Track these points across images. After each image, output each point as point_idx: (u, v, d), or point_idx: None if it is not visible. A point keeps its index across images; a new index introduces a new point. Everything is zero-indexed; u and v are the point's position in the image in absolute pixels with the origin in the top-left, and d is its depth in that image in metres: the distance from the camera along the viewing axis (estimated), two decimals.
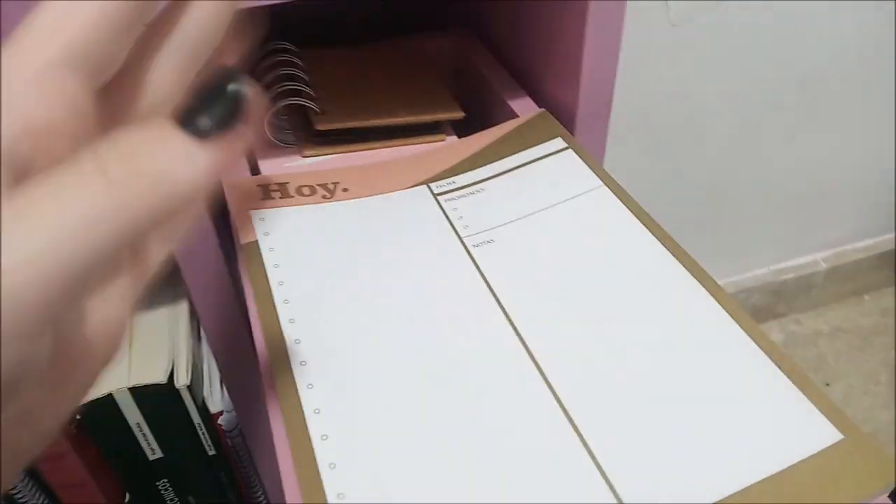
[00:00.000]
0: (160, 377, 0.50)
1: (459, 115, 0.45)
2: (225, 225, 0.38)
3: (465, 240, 0.35)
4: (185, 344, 0.53)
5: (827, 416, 0.26)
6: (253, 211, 0.36)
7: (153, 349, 0.52)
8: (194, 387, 0.52)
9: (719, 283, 0.31)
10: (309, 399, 0.27)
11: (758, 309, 1.07)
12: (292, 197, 0.37)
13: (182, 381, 0.50)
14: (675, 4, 0.68)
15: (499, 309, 0.31)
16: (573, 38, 0.40)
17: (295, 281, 0.32)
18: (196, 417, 0.52)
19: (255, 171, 0.43)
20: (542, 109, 0.44)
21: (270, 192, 0.38)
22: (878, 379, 1.04)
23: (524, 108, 0.45)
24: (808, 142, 0.91)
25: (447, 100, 0.46)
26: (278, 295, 0.31)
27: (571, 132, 0.43)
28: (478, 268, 0.34)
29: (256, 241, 0.34)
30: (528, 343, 0.30)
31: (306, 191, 0.38)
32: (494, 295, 0.32)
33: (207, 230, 0.38)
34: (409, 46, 0.52)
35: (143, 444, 0.52)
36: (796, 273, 1.06)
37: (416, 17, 0.56)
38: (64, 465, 0.51)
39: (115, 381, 0.50)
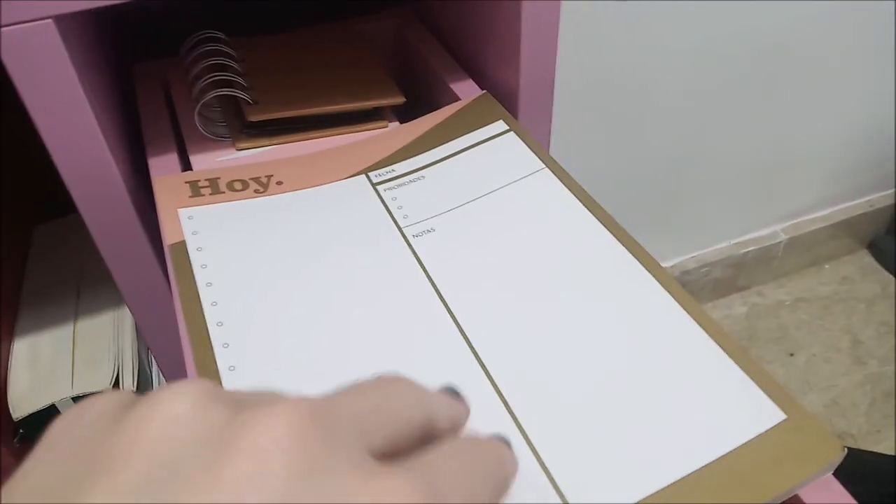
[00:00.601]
0: (104, 383, 0.48)
1: (400, 100, 0.44)
2: (155, 223, 0.36)
3: (404, 230, 0.34)
4: (131, 347, 0.51)
5: (770, 395, 0.25)
6: (181, 209, 0.34)
7: (97, 355, 0.50)
8: (142, 391, 0.50)
9: (681, 259, 0.31)
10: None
11: (720, 282, 1.08)
12: (223, 193, 0.36)
13: (128, 385, 0.49)
14: None
15: (439, 301, 0.30)
16: (510, 16, 0.39)
17: (223, 281, 0.31)
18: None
19: (186, 166, 0.41)
20: (484, 91, 0.42)
21: (200, 189, 0.36)
22: (840, 346, 1.06)
23: (466, 90, 0.44)
24: (766, 113, 0.91)
25: (387, 85, 0.45)
26: (206, 297, 0.30)
27: (514, 114, 0.42)
28: (418, 259, 0.32)
29: (184, 242, 0.33)
30: (468, 335, 0.29)
31: (238, 185, 0.36)
32: (435, 287, 0.31)
33: (136, 229, 0.37)
34: (346, 28, 0.50)
35: None
36: (757, 245, 1.07)
37: None
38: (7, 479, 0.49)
39: (58, 389, 0.48)
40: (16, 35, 0.28)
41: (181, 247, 0.32)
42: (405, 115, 0.45)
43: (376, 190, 0.37)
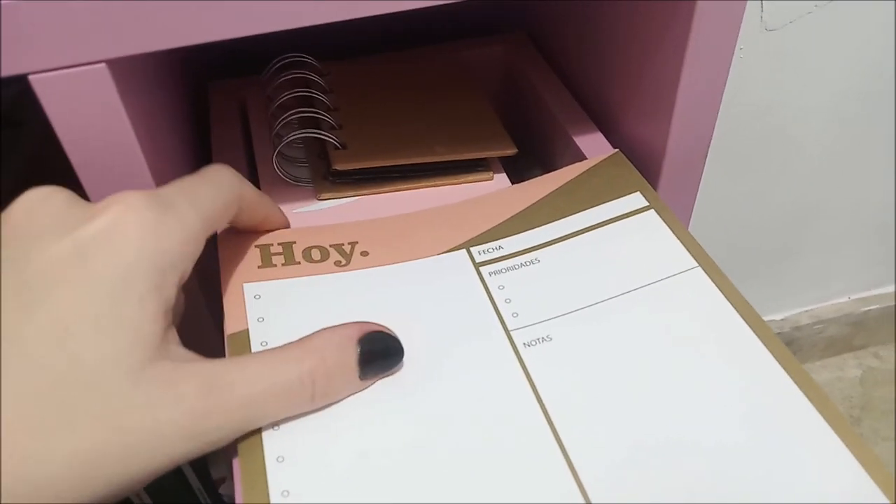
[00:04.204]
0: None
1: (512, 151, 0.37)
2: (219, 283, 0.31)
3: (512, 334, 0.27)
4: None
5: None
6: (247, 284, 0.29)
7: None
8: None
9: (793, 312, 0.23)
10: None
11: (834, 340, 0.96)
12: (298, 264, 0.30)
13: None
14: (769, 5, 0.58)
15: (551, 435, 0.23)
16: (667, 54, 0.31)
17: None
18: (195, 482, 0.46)
19: None
20: (616, 151, 0.35)
21: (272, 257, 0.30)
22: None
23: (592, 146, 0.36)
24: None
25: (497, 131, 0.38)
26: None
27: (654, 183, 0.34)
28: (528, 376, 0.26)
29: (246, 331, 0.27)
30: (583, 482, 0.22)
31: (316, 255, 0.30)
32: (547, 416, 0.24)
33: (193, 297, 0.31)
34: (450, 54, 0.43)
35: None
36: (880, 304, 0.95)
37: (462, 15, 0.48)
38: None
39: None
40: (61, 81, 0.22)
41: (243, 339, 0.26)
42: (513, 160, 0.38)
43: (479, 272, 0.30)
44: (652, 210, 0.31)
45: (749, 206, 0.77)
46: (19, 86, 0.22)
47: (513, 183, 0.36)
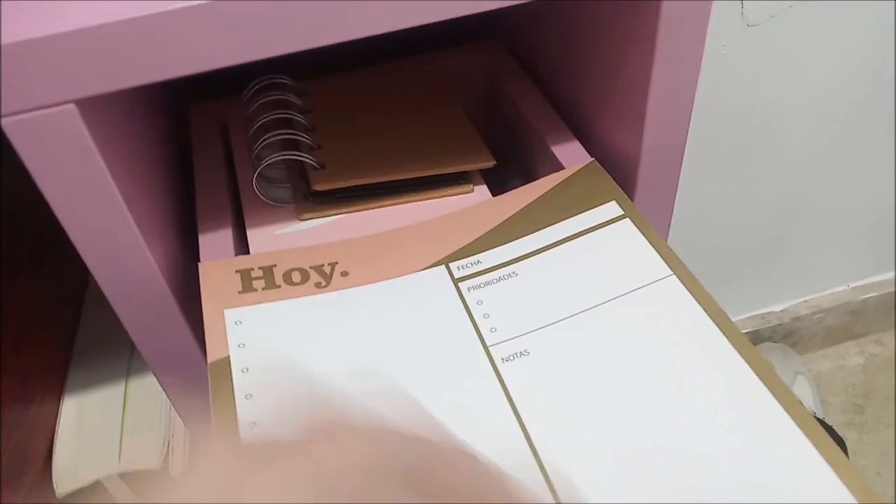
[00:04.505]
0: (154, 460, 0.44)
1: (490, 163, 0.37)
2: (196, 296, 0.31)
3: (491, 350, 0.27)
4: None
5: None
6: (228, 310, 0.29)
7: (147, 421, 0.46)
8: None
9: (793, 303, 0.23)
10: None
11: (834, 329, 0.96)
12: (279, 287, 0.30)
13: (178, 467, 0.44)
14: (750, 3, 0.58)
15: (531, 455, 0.24)
16: (636, 58, 0.31)
17: (269, 419, 0.25)
18: None
19: (241, 232, 0.36)
20: (592, 160, 0.35)
21: (252, 281, 0.30)
22: None
23: (569, 153, 0.36)
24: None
25: (475, 143, 0.38)
26: (248, 437, 0.24)
27: (630, 190, 0.34)
28: (506, 392, 0.26)
29: (227, 359, 0.27)
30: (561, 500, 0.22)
31: (297, 277, 0.31)
32: (526, 434, 0.24)
33: (176, 321, 0.32)
34: (428, 65, 0.43)
35: None
36: (879, 291, 0.94)
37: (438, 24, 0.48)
38: None
39: (105, 463, 0.44)
40: (31, 123, 0.23)
41: (223, 367, 0.27)
42: (495, 170, 0.38)
43: (458, 288, 0.30)
44: (627, 219, 0.31)
45: (740, 202, 0.77)
46: None
47: (494, 194, 0.37)
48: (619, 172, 0.34)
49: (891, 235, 0.91)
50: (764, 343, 0.93)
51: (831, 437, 0.69)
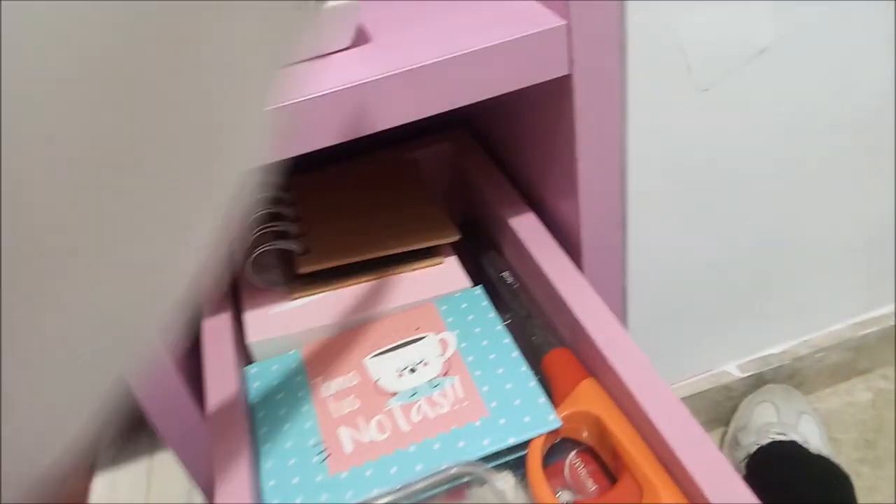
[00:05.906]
0: None
1: (455, 237, 0.42)
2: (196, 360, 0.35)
3: None
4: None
5: None
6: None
7: (170, 496, 0.50)
8: None
9: (791, 344, 0.25)
10: None
11: (839, 366, 0.97)
12: None
13: None
14: (697, 69, 0.63)
15: None
16: (562, 131, 0.36)
17: None
18: None
19: (238, 317, 0.40)
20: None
21: None
22: None
23: (523, 224, 0.41)
24: (870, 187, 0.83)
25: (442, 221, 0.43)
26: None
27: (578, 254, 0.38)
28: None
29: None
30: None
31: None
32: None
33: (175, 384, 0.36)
34: (401, 157, 0.49)
35: None
36: (878, 326, 0.96)
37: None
38: None
39: None
40: None
41: None
42: (471, 240, 0.42)
43: None
44: None
45: (719, 248, 0.81)
46: None
47: (466, 263, 0.41)
48: (566, 239, 0.39)
49: (886, 269, 0.94)
50: (766, 385, 0.95)
51: (838, 475, 0.70)
